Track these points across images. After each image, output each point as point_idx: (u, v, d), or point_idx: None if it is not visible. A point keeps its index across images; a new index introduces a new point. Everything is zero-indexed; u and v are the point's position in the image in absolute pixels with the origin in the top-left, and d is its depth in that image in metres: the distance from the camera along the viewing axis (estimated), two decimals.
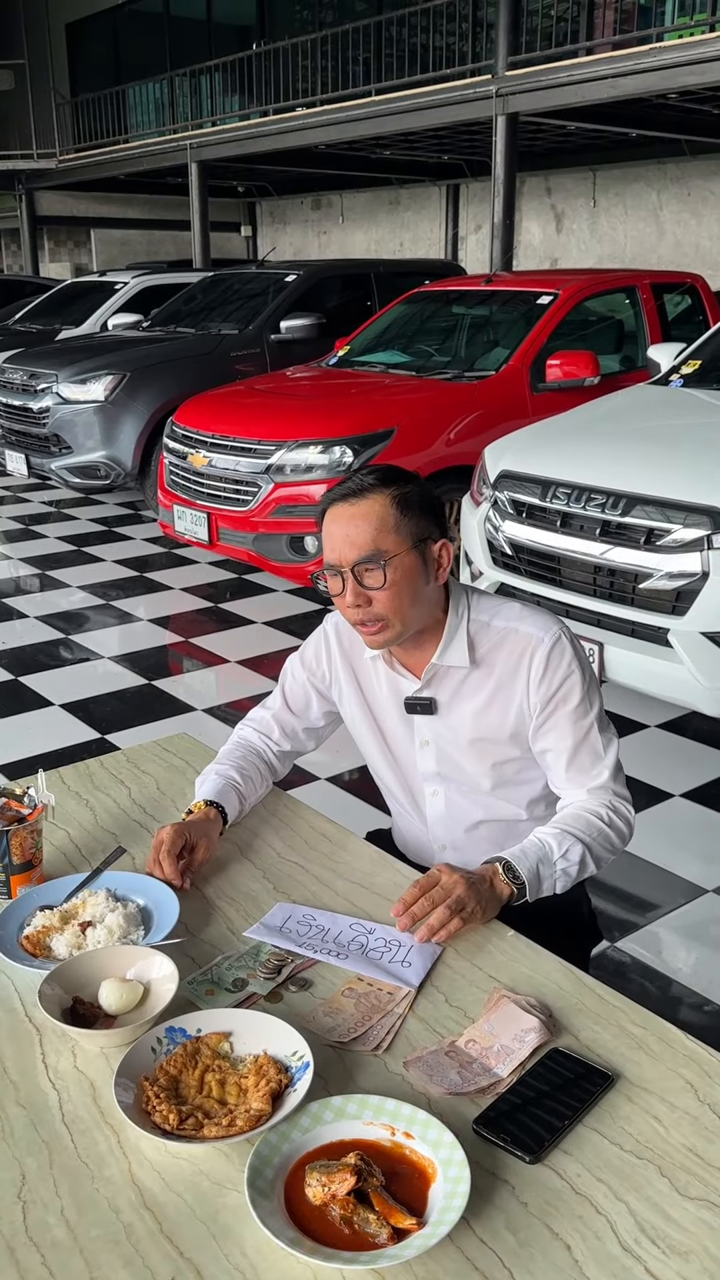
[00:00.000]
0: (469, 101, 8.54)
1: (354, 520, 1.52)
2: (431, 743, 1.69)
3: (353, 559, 1.52)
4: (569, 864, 1.51)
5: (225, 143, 11.37)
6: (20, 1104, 1.15)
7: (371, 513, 1.52)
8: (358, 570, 1.52)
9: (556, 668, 1.59)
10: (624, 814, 1.62)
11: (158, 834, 1.55)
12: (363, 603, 1.53)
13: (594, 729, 1.62)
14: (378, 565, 1.51)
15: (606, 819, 1.59)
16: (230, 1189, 1.03)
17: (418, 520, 1.55)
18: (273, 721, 1.83)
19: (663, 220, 11.24)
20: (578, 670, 1.60)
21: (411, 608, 1.56)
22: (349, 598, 1.53)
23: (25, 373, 7.31)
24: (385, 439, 4.90)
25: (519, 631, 1.61)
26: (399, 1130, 1.08)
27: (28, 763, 3.59)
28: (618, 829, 1.60)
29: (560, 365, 5.25)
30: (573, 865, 1.52)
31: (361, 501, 1.53)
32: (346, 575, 1.53)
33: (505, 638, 1.61)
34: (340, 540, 1.53)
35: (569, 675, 1.59)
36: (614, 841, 1.59)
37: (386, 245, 14.50)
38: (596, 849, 1.56)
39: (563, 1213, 1.01)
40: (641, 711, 3.89)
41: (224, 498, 5.17)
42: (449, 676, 1.64)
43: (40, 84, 15.02)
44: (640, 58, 7.25)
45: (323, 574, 1.59)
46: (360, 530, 1.51)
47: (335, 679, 1.78)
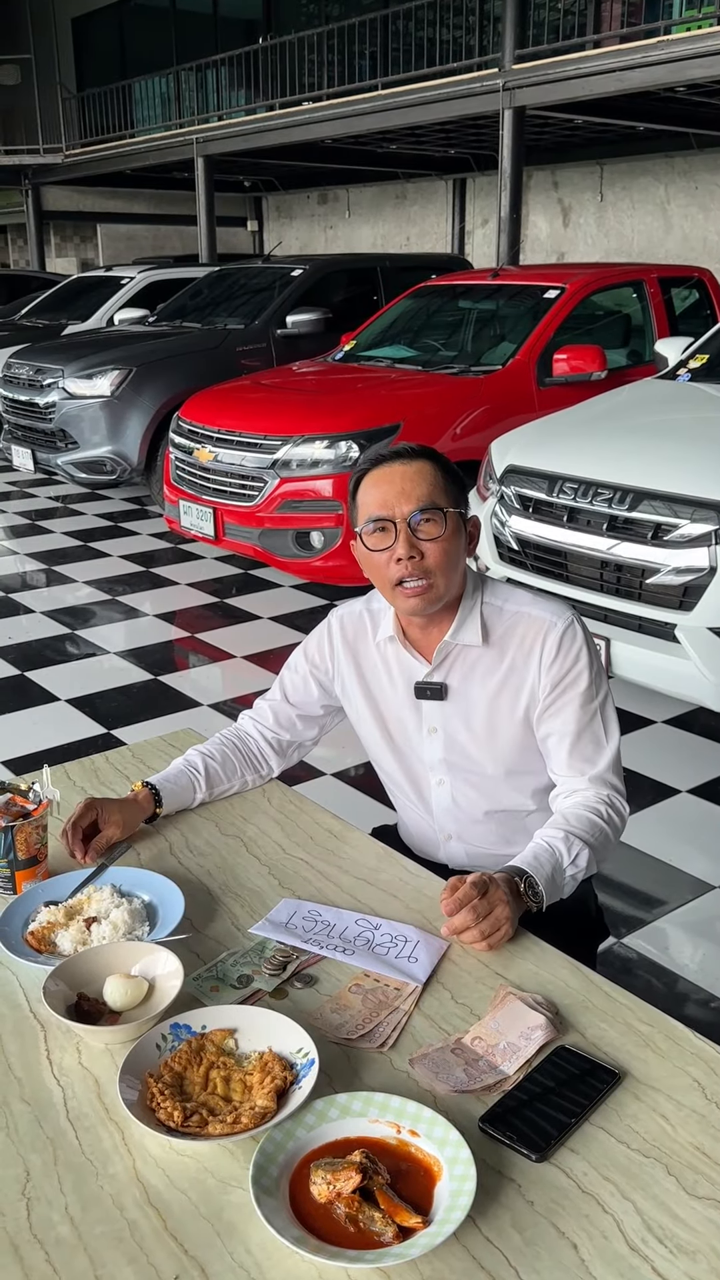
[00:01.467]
0: (475, 95, 8.51)
1: (408, 476, 1.57)
2: (440, 729, 1.69)
3: (409, 510, 1.55)
4: (577, 870, 1.52)
5: (231, 137, 11.35)
6: (25, 1100, 1.14)
7: (425, 471, 1.57)
8: (414, 521, 1.55)
9: (568, 651, 1.60)
10: (619, 809, 1.63)
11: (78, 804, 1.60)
12: (416, 555, 1.55)
13: (598, 716, 1.63)
14: (437, 514, 1.56)
15: (605, 816, 1.60)
16: (235, 1186, 1.03)
17: (458, 491, 1.61)
18: (269, 711, 1.84)
19: (670, 214, 11.20)
20: (588, 656, 1.62)
21: (454, 570, 1.60)
22: (401, 548, 1.55)
23: (31, 368, 7.31)
24: (391, 434, 4.89)
25: (532, 615, 1.63)
26: (404, 1128, 1.08)
27: (33, 758, 3.59)
28: (614, 826, 1.61)
29: (567, 360, 5.24)
30: (580, 870, 1.53)
31: (414, 462, 1.58)
32: (400, 526, 1.55)
33: (518, 621, 1.63)
34: (395, 493, 1.56)
35: (579, 659, 1.61)
36: (610, 839, 1.60)
37: (393, 240, 14.47)
38: (599, 849, 1.57)
39: (569, 1211, 1.00)
40: (648, 707, 3.88)
41: (230, 493, 5.17)
42: (461, 658, 1.65)
43: (46, 79, 15.00)
44: (648, 51, 7.21)
45: (361, 533, 1.60)
46: (416, 484, 1.56)
47: (338, 672, 1.78)
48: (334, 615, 1.80)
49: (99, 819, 1.59)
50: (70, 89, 15.61)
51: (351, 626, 1.76)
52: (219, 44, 13.20)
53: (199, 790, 1.73)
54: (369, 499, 1.58)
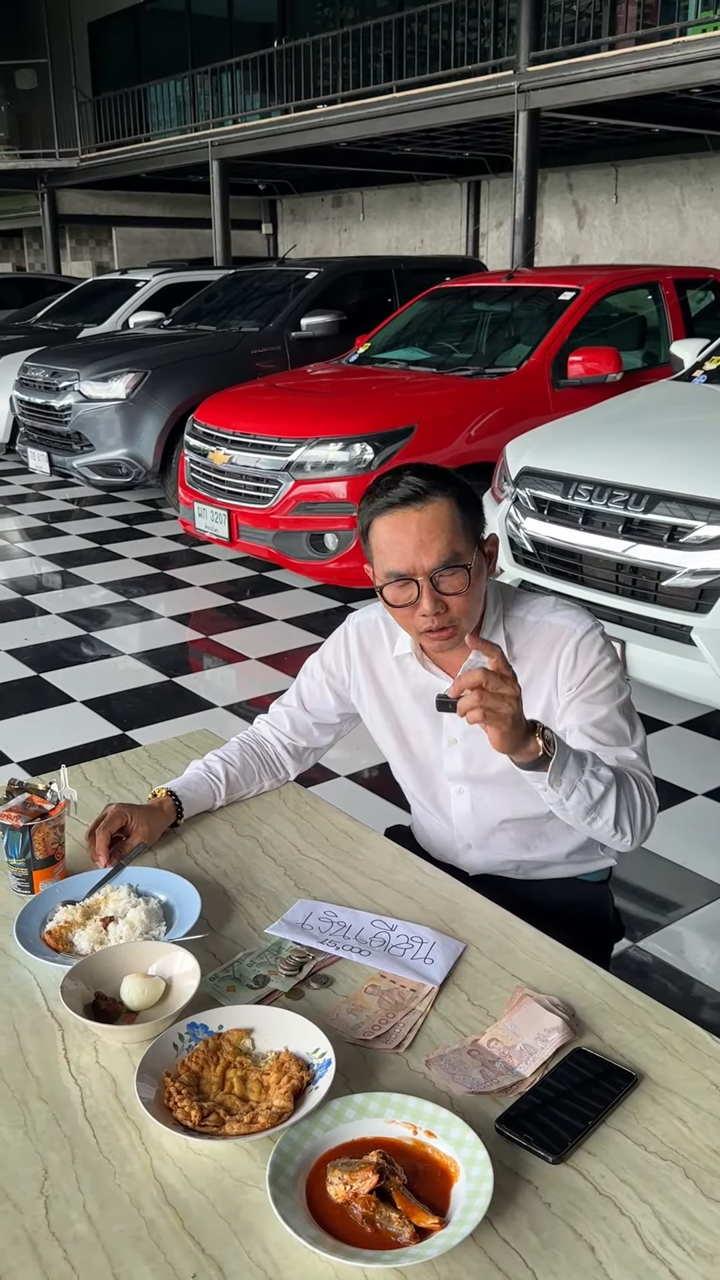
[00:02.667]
0: (490, 98, 8.51)
1: (423, 526, 1.48)
2: (460, 741, 1.68)
3: (431, 565, 1.48)
4: (595, 782, 1.42)
5: (246, 140, 11.37)
6: (43, 1099, 1.15)
7: (441, 517, 1.48)
8: (435, 577, 1.48)
9: (587, 657, 1.57)
10: (651, 793, 1.54)
11: (105, 809, 1.61)
12: (441, 610, 1.50)
13: (619, 713, 1.58)
14: (460, 569, 1.48)
15: (638, 782, 1.52)
16: (252, 1186, 1.03)
17: (476, 519, 1.54)
18: (285, 717, 1.84)
19: (685, 216, 11.17)
20: (608, 659, 1.59)
21: (477, 607, 1.56)
22: (427, 605, 1.49)
23: (47, 371, 7.34)
24: (406, 436, 4.89)
25: (552, 624, 1.60)
26: (421, 1129, 1.08)
27: (50, 759, 3.61)
28: (644, 801, 1.51)
29: (582, 362, 5.23)
30: (598, 786, 1.43)
31: (428, 506, 1.48)
32: (422, 583, 1.48)
33: (539, 631, 1.61)
34: (412, 548, 1.48)
35: (598, 664, 1.58)
36: (637, 808, 1.49)
37: (407, 242, 14.47)
38: (623, 799, 1.47)
39: (586, 1214, 1.00)
40: (664, 710, 3.87)
41: (244, 495, 5.18)
42: None
43: (62, 83, 15.07)
44: (663, 52, 7.20)
45: (382, 586, 1.53)
46: (435, 536, 1.47)
47: (355, 682, 1.77)
48: (350, 623, 1.79)
49: (128, 826, 1.60)
50: (86, 93, 15.68)
51: (368, 635, 1.75)
52: (234, 47, 13.24)
53: (218, 797, 1.74)
54: (385, 549, 1.51)
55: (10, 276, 14.36)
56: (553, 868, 1.78)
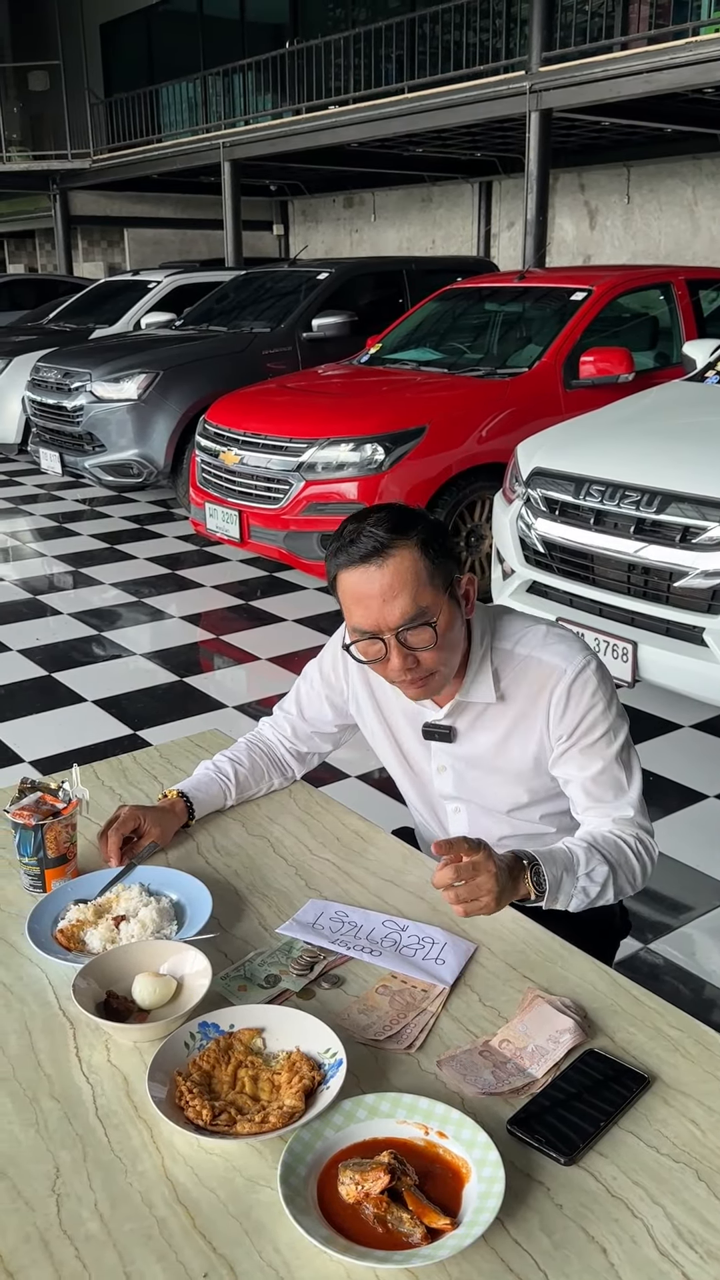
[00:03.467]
0: (502, 98, 8.50)
1: (388, 583, 1.43)
2: (449, 768, 1.67)
3: (395, 623, 1.44)
4: (591, 884, 1.44)
5: (258, 141, 11.39)
6: (54, 1097, 1.15)
7: (403, 569, 1.43)
8: (403, 634, 1.45)
9: (578, 702, 1.52)
10: (649, 847, 1.55)
11: (117, 810, 1.61)
12: (411, 665, 1.47)
13: (616, 762, 1.54)
14: (425, 623, 1.44)
15: (634, 847, 1.52)
16: (263, 1186, 1.03)
17: (445, 563, 1.48)
18: (286, 724, 1.84)
19: (698, 216, 11.14)
20: (601, 703, 1.53)
21: (454, 655, 1.52)
22: (396, 661, 1.46)
23: (59, 371, 7.36)
24: (417, 437, 4.89)
25: (542, 662, 1.54)
26: (433, 1129, 1.07)
27: (61, 758, 3.61)
28: (642, 860, 1.53)
29: (594, 362, 5.22)
30: (594, 886, 1.44)
31: (389, 560, 1.42)
32: (390, 640, 1.45)
33: (528, 668, 1.55)
34: (376, 606, 1.44)
35: (591, 709, 1.52)
36: (635, 873, 1.52)
37: (418, 243, 14.47)
38: (620, 878, 1.48)
39: (598, 1215, 1.00)
40: (676, 711, 3.86)
41: (255, 495, 5.18)
42: (470, 709, 1.60)
43: (75, 84, 15.12)
44: (676, 52, 7.18)
45: (353, 641, 1.51)
46: (398, 593, 1.43)
47: (353, 695, 1.76)
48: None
49: (140, 827, 1.60)
50: (98, 94, 15.73)
51: None
52: (245, 49, 13.26)
53: (229, 797, 1.74)
54: (351, 606, 1.48)
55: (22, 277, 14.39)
56: None
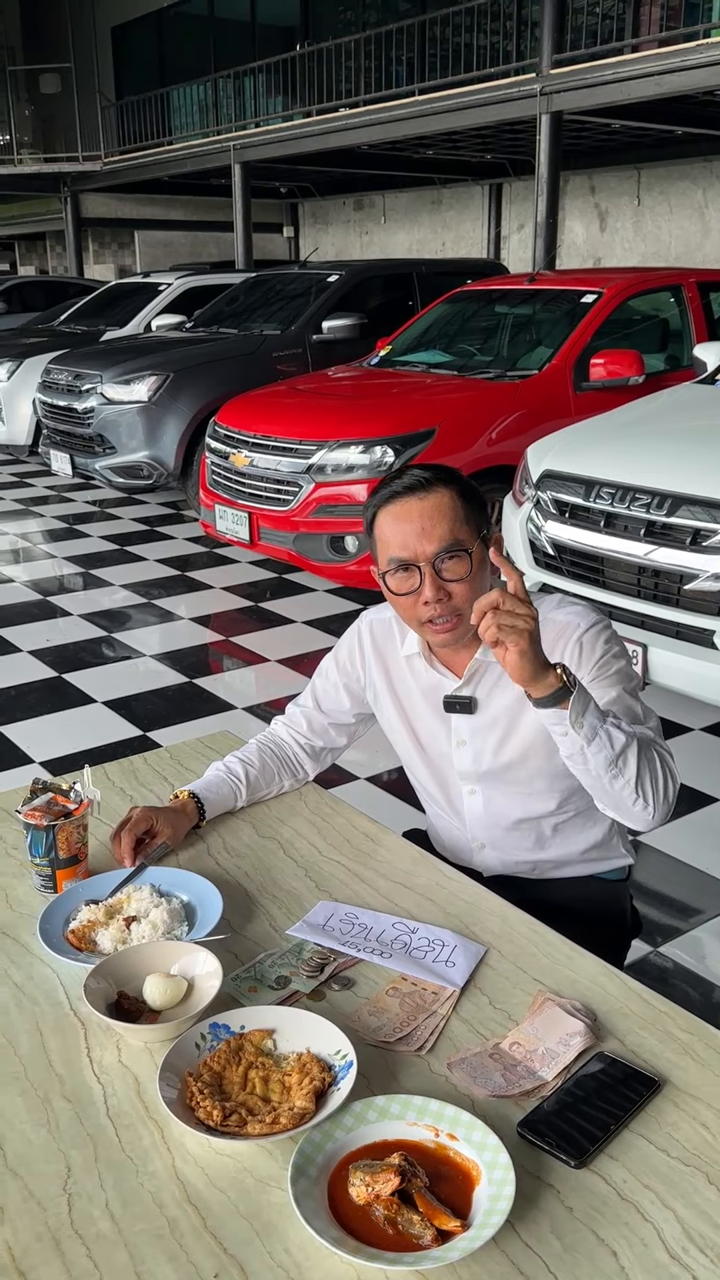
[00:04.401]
0: (513, 100, 8.50)
1: (425, 514, 1.51)
2: (469, 742, 1.68)
3: (432, 551, 1.51)
4: (616, 733, 1.41)
5: (268, 144, 11.41)
6: (66, 1097, 1.15)
7: (442, 504, 1.51)
8: (438, 563, 1.51)
9: (593, 648, 1.56)
10: (670, 765, 1.49)
11: (129, 811, 1.61)
12: (443, 596, 1.52)
13: (630, 695, 1.55)
14: (462, 554, 1.51)
15: (659, 753, 1.48)
16: (274, 1186, 1.03)
17: (479, 514, 1.56)
18: (302, 718, 1.85)
19: (708, 218, 11.12)
20: (616, 649, 1.58)
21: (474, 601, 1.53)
22: (429, 592, 1.51)
23: (70, 373, 7.38)
24: (427, 439, 4.89)
25: (556, 620, 1.59)
26: (443, 1131, 1.07)
27: (71, 759, 3.62)
28: (668, 769, 1.48)
29: (604, 364, 5.21)
30: (619, 736, 1.41)
31: (430, 495, 1.52)
32: (425, 569, 1.51)
33: (544, 627, 1.58)
34: (414, 534, 1.51)
35: (606, 653, 1.56)
36: (658, 772, 1.46)
37: (428, 245, 14.48)
38: (644, 759, 1.44)
39: (609, 1219, 1.00)
40: (686, 714, 3.85)
41: (265, 497, 5.19)
42: (489, 671, 1.63)
43: (86, 87, 15.16)
44: (686, 54, 7.17)
45: (384, 573, 1.56)
46: (436, 523, 1.50)
47: (370, 681, 1.78)
48: (364, 621, 1.79)
49: (152, 828, 1.60)
50: (109, 97, 15.76)
51: (382, 633, 1.75)
52: (257, 51, 13.28)
53: (239, 798, 1.75)
54: (388, 537, 1.54)
55: (33, 279, 14.44)
56: (569, 867, 1.78)
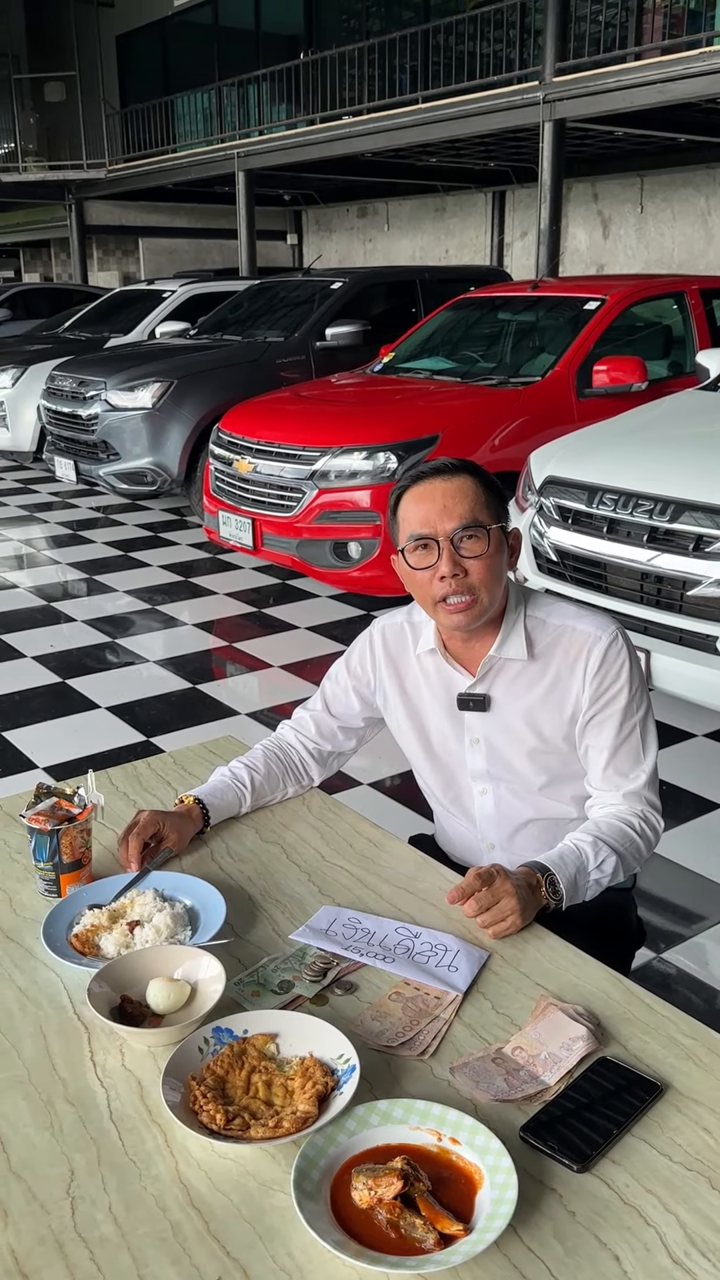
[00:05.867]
0: (516, 108, 8.52)
1: (449, 493, 1.56)
2: (482, 741, 1.69)
3: (452, 527, 1.55)
4: (602, 875, 1.55)
5: (272, 151, 11.44)
6: (69, 1101, 1.16)
7: (465, 487, 1.57)
8: (457, 539, 1.55)
9: (612, 665, 1.61)
10: (654, 824, 1.65)
11: (136, 815, 1.61)
12: (460, 572, 1.55)
13: (637, 731, 1.64)
14: (480, 531, 1.55)
15: (638, 829, 1.62)
16: (276, 1190, 1.03)
17: (499, 504, 1.61)
18: (310, 721, 1.85)
19: (711, 226, 11.14)
20: (630, 670, 1.63)
21: (497, 585, 1.60)
22: (445, 566, 1.55)
23: (74, 380, 7.40)
24: (430, 445, 4.90)
25: (576, 630, 1.63)
26: (445, 1135, 1.08)
27: (74, 764, 3.63)
28: (647, 839, 1.63)
29: (607, 371, 5.22)
30: (605, 876, 1.55)
31: (455, 478, 1.58)
32: (443, 544, 1.56)
33: (562, 635, 1.63)
34: (437, 511, 1.56)
35: (621, 674, 1.62)
36: (642, 852, 1.63)
37: (432, 252, 14.51)
38: (628, 859, 1.59)
39: (611, 1223, 1.00)
40: (689, 720, 3.85)
41: (269, 503, 5.20)
42: (504, 671, 1.65)
43: (90, 95, 15.22)
44: (689, 62, 7.19)
45: (403, 549, 1.60)
46: (458, 501, 1.56)
47: (380, 684, 1.79)
48: (376, 626, 1.81)
49: (159, 832, 1.61)
50: (114, 105, 15.83)
51: (393, 638, 1.77)
52: (260, 59, 13.33)
53: (244, 803, 1.75)
54: (410, 515, 1.58)
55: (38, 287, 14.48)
56: None
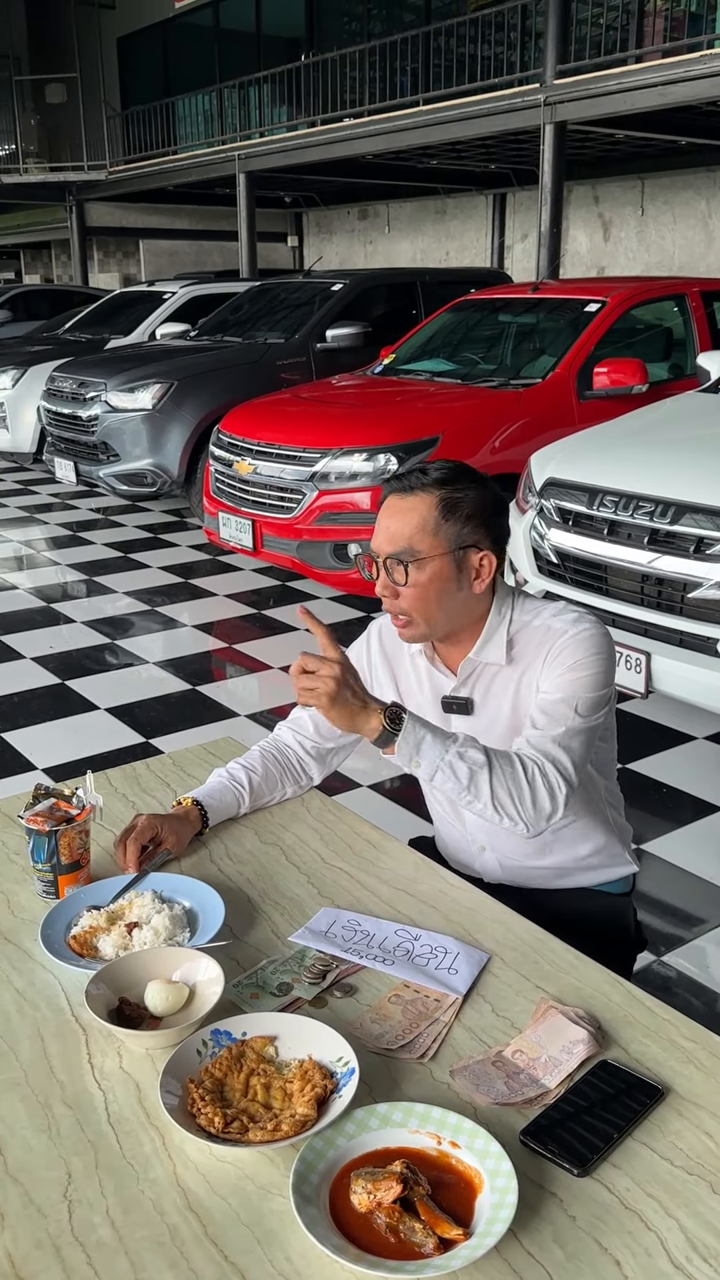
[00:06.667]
0: (517, 111, 8.52)
1: (397, 514, 1.56)
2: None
3: (386, 552, 1.56)
4: (459, 763, 1.44)
5: (273, 154, 11.44)
6: (67, 1103, 1.15)
7: (415, 511, 1.55)
8: (388, 563, 1.56)
9: (574, 650, 1.57)
10: (549, 777, 1.49)
11: (134, 819, 1.61)
12: (390, 595, 1.58)
13: (571, 700, 1.54)
14: (403, 564, 1.55)
15: (528, 768, 1.48)
16: (275, 1194, 1.03)
17: (461, 526, 1.56)
18: (308, 720, 1.84)
19: (712, 228, 11.14)
20: (592, 658, 1.56)
21: (438, 611, 1.58)
22: (379, 587, 1.59)
23: (75, 381, 7.40)
24: (430, 446, 4.90)
25: (551, 627, 1.61)
26: (445, 1139, 1.07)
27: (73, 765, 3.62)
28: (534, 784, 1.47)
29: (608, 373, 5.22)
30: (462, 767, 1.44)
31: (409, 497, 1.56)
32: (380, 564, 1.58)
33: (536, 633, 1.62)
34: (382, 530, 1.58)
35: (582, 655, 1.56)
36: (524, 792, 1.47)
37: (432, 254, 14.51)
38: (497, 781, 1.45)
39: (612, 1227, 0.99)
40: (689, 723, 3.84)
41: (269, 505, 5.19)
42: (484, 674, 1.65)
43: (91, 97, 15.22)
44: (690, 65, 7.19)
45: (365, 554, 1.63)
46: (400, 525, 1.55)
47: (375, 681, 1.79)
48: (374, 626, 1.81)
49: (157, 835, 1.60)
50: (115, 107, 15.83)
51: (390, 638, 1.77)
52: (261, 61, 13.33)
53: (243, 804, 1.75)
54: (377, 524, 1.60)
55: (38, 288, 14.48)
56: (571, 876, 1.78)
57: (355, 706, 1.44)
